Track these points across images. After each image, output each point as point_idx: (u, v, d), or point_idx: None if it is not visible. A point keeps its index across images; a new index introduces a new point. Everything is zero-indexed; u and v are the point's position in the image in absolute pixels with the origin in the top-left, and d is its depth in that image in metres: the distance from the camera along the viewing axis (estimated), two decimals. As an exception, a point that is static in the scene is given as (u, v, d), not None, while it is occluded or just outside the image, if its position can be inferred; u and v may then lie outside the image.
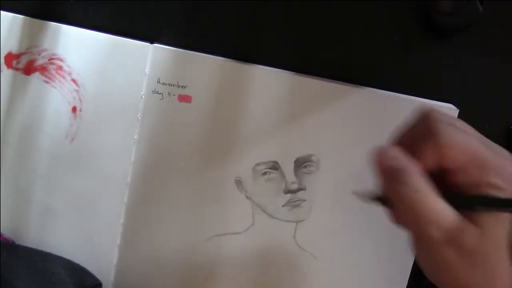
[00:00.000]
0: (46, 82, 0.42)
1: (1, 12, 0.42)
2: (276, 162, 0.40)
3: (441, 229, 0.27)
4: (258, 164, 0.41)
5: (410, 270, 0.40)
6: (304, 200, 0.41)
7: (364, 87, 0.40)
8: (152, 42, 0.41)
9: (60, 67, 0.42)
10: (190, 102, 0.41)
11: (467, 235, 0.27)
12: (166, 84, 0.41)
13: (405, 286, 0.41)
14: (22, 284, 0.37)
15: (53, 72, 0.42)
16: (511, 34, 0.39)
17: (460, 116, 0.39)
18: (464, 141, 0.27)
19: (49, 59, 0.42)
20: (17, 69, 0.42)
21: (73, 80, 0.42)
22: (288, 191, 0.41)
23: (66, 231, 0.43)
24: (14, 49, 0.42)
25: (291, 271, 0.41)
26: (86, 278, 0.42)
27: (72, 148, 0.42)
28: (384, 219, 0.35)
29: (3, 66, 0.42)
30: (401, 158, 0.29)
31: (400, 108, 0.39)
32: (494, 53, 0.39)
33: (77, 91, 0.42)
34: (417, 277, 0.41)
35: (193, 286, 0.43)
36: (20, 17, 0.42)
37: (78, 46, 0.41)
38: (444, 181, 0.28)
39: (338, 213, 0.40)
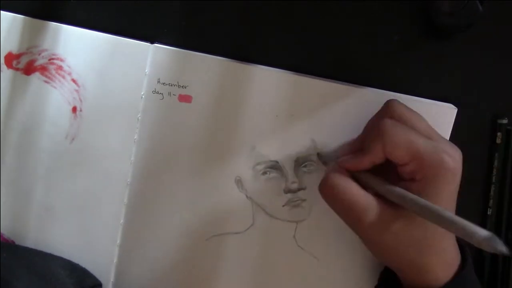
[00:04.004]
0: (46, 82, 0.42)
1: (1, 12, 0.42)
2: (276, 162, 0.41)
3: (368, 216, 0.33)
4: (258, 164, 0.41)
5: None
6: (305, 200, 0.41)
7: (364, 87, 0.40)
8: (152, 42, 0.41)
9: (60, 67, 0.42)
10: (190, 102, 0.41)
11: (395, 222, 0.33)
12: (166, 84, 0.41)
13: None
14: (22, 285, 0.37)
15: (53, 72, 0.42)
16: (511, 34, 0.39)
17: (459, 115, 0.39)
18: (406, 141, 0.32)
19: (49, 59, 0.42)
20: (17, 69, 0.42)
21: (73, 80, 0.42)
22: (288, 191, 0.41)
23: (66, 231, 0.43)
24: (14, 49, 0.42)
25: (291, 271, 0.41)
26: (86, 278, 0.41)
27: (72, 148, 0.42)
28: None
29: (3, 66, 0.42)
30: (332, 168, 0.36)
31: (400, 108, 0.39)
32: (494, 53, 0.40)
33: (77, 91, 0.42)
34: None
35: (193, 285, 0.42)
36: (20, 17, 0.42)
37: (78, 46, 0.42)
38: (395, 171, 0.34)
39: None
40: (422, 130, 0.34)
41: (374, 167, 0.35)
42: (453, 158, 0.32)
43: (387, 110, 0.35)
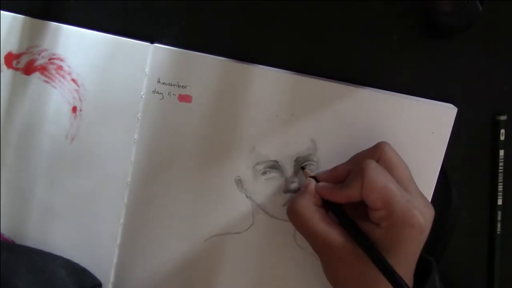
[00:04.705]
0: (46, 82, 0.42)
1: (1, 12, 0.42)
2: (276, 162, 0.41)
3: (326, 247, 0.35)
4: (258, 164, 0.41)
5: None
6: (304, 200, 0.41)
7: (364, 87, 0.40)
8: (152, 42, 0.41)
9: (60, 67, 0.42)
10: (190, 102, 0.41)
11: (351, 257, 0.34)
12: (166, 84, 0.41)
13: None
14: (22, 284, 0.37)
15: (53, 72, 0.42)
16: (511, 34, 0.39)
17: (459, 115, 0.39)
18: (383, 187, 0.33)
19: (49, 59, 0.42)
20: (17, 69, 0.42)
21: (73, 80, 0.42)
22: (288, 191, 0.41)
23: (66, 231, 0.43)
24: (14, 49, 0.42)
25: (291, 271, 0.41)
26: (86, 278, 0.42)
27: (72, 148, 0.42)
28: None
29: (3, 66, 0.42)
30: (303, 189, 0.37)
31: (400, 108, 0.39)
32: (494, 53, 0.39)
33: (77, 91, 0.42)
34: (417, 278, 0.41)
35: (193, 285, 0.43)
36: (20, 17, 0.42)
37: (78, 46, 0.42)
38: (366, 211, 0.34)
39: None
40: (403, 180, 0.34)
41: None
42: (423, 216, 0.32)
43: (376, 151, 0.35)
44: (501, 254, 0.40)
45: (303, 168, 0.40)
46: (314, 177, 0.38)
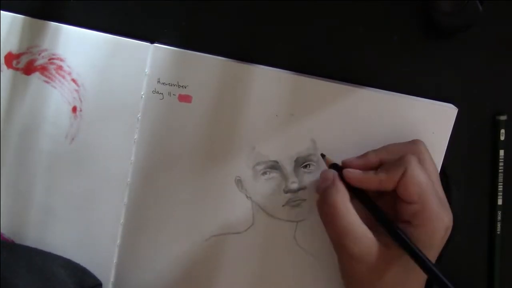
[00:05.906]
0: (46, 82, 0.42)
1: (1, 12, 0.42)
2: (276, 162, 0.41)
3: (357, 246, 0.33)
4: (258, 164, 0.41)
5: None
6: (305, 200, 0.41)
7: (364, 87, 0.40)
8: (152, 42, 0.41)
9: (60, 67, 0.42)
10: (190, 102, 0.41)
11: (379, 258, 0.33)
12: (166, 84, 0.41)
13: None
14: (22, 284, 0.37)
15: (53, 72, 0.42)
16: (511, 34, 0.39)
17: (459, 115, 0.39)
18: (425, 183, 0.33)
19: (49, 59, 0.42)
20: (17, 69, 0.42)
21: (73, 80, 0.42)
22: (288, 191, 0.41)
23: (66, 231, 0.43)
24: (14, 49, 0.42)
25: (291, 271, 0.41)
26: (86, 278, 0.41)
27: (72, 148, 0.42)
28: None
29: (3, 66, 0.42)
30: (332, 181, 0.35)
31: (400, 108, 0.39)
32: (494, 53, 0.39)
33: (77, 91, 0.42)
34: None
35: (193, 286, 0.43)
36: (20, 17, 0.42)
37: (78, 46, 0.42)
38: (393, 210, 0.35)
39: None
40: (434, 180, 0.35)
41: (374, 194, 0.35)
42: (449, 217, 0.34)
43: (413, 148, 0.36)
44: (501, 254, 0.40)
45: (323, 155, 0.39)
46: (336, 164, 0.37)
